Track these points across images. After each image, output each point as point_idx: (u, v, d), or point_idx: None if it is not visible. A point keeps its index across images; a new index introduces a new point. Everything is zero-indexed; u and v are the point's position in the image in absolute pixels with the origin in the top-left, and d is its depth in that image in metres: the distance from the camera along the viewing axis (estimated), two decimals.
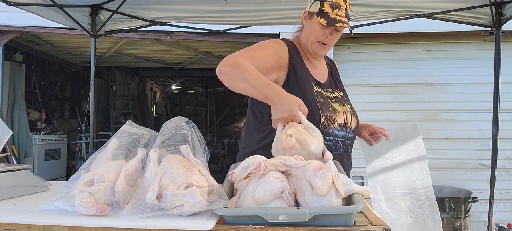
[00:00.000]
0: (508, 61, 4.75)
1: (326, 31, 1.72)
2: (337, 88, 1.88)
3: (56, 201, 1.14)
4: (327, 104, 1.72)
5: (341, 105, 1.78)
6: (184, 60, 8.24)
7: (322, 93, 1.76)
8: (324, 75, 1.87)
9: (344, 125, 1.74)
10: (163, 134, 1.29)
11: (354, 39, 5.11)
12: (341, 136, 1.74)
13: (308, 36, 1.78)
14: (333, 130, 1.70)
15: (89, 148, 3.91)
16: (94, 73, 3.85)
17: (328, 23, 1.67)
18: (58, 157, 7.29)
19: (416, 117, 5.19)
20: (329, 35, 1.72)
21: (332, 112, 1.71)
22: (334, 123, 1.70)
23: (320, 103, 1.69)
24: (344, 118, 1.74)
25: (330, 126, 1.69)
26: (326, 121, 1.67)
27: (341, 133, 1.74)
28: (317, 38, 1.74)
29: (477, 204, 3.00)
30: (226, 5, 3.39)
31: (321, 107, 1.67)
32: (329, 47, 1.78)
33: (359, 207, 0.99)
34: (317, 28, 1.72)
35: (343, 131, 1.74)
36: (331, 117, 1.69)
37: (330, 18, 1.67)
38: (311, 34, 1.75)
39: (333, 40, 1.75)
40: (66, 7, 3.26)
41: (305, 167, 1.13)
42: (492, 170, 3.09)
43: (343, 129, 1.74)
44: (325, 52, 1.82)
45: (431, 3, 3.30)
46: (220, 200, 1.06)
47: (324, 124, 1.67)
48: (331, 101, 1.75)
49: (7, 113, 6.11)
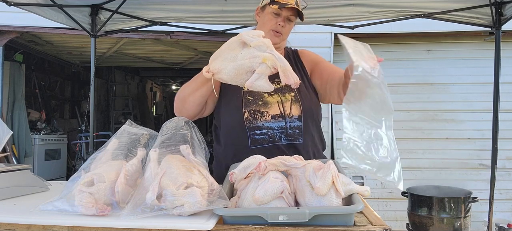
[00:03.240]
0: (508, 61, 4.76)
1: (278, 19, 1.77)
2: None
3: (56, 201, 1.14)
4: (256, 99, 1.75)
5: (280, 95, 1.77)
6: (184, 60, 8.24)
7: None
8: None
9: (281, 115, 1.74)
10: (163, 134, 1.29)
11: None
12: (278, 127, 1.72)
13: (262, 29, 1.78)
14: (263, 123, 1.71)
15: (89, 148, 3.91)
16: (94, 73, 3.85)
17: (280, 6, 1.73)
18: (58, 157, 7.29)
19: (416, 116, 5.19)
20: (282, 22, 1.78)
21: (260, 106, 1.74)
22: (263, 115, 1.72)
23: (246, 100, 1.74)
24: (279, 108, 1.74)
25: (258, 119, 1.71)
26: (250, 115, 1.72)
27: (278, 124, 1.73)
28: (270, 27, 1.79)
29: (477, 204, 3.00)
30: (226, 5, 3.40)
31: (245, 104, 1.73)
32: (283, 36, 1.82)
33: (359, 207, 0.99)
34: (269, 18, 1.79)
35: (282, 122, 1.73)
36: (258, 111, 1.73)
37: (281, 3, 1.74)
38: (265, 26, 1.80)
39: (286, 28, 1.80)
40: (66, 7, 3.26)
41: (305, 167, 1.13)
42: (492, 170, 3.10)
43: (279, 119, 1.73)
44: (280, 41, 1.84)
45: (431, 3, 3.30)
46: (220, 200, 1.06)
47: (249, 119, 1.71)
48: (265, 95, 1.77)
49: (7, 113, 6.11)
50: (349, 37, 1.29)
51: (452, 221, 2.82)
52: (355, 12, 3.43)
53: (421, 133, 5.18)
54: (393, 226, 4.83)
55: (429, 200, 2.88)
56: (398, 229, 4.58)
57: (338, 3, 3.32)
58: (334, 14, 3.52)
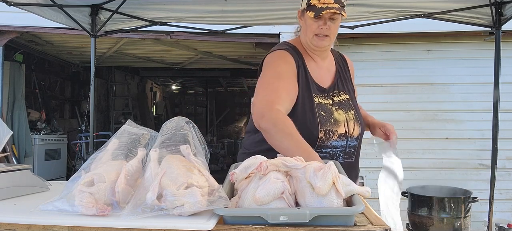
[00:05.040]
0: (508, 61, 4.75)
1: (320, 22, 1.70)
2: (344, 90, 1.85)
3: (56, 201, 1.14)
4: (328, 116, 1.71)
5: (344, 112, 1.76)
6: (184, 60, 8.24)
7: (324, 102, 1.75)
8: (329, 76, 1.85)
9: (345, 135, 1.73)
10: (163, 134, 1.29)
11: (354, 39, 5.11)
12: (340, 146, 1.73)
13: (306, 34, 1.77)
14: (331, 142, 1.70)
15: (89, 148, 3.91)
16: (94, 73, 3.84)
17: (315, 14, 1.65)
18: (58, 157, 7.29)
19: (416, 116, 5.19)
20: (324, 26, 1.70)
21: (332, 124, 1.70)
22: (333, 135, 1.70)
23: (321, 117, 1.69)
24: (345, 127, 1.74)
25: (329, 140, 1.69)
26: (324, 135, 1.68)
27: (341, 143, 1.73)
28: (313, 32, 1.73)
29: (477, 204, 2.99)
30: (226, 5, 3.39)
31: (321, 122, 1.68)
32: (330, 38, 1.75)
33: (360, 209, 0.99)
34: (310, 23, 1.72)
35: (343, 141, 1.74)
36: (330, 130, 1.69)
37: (317, 9, 1.65)
38: (307, 31, 1.75)
39: (331, 30, 1.72)
40: (66, 7, 3.26)
41: (305, 168, 1.13)
42: (492, 170, 3.09)
43: (343, 139, 1.73)
44: (328, 44, 1.77)
45: (431, 3, 3.30)
46: (220, 200, 1.05)
47: (322, 138, 1.68)
48: (333, 110, 1.74)
49: (7, 113, 6.11)
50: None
51: (452, 221, 2.82)
52: (355, 12, 3.42)
53: (421, 133, 5.18)
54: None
55: (429, 200, 2.87)
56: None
57: None
58: None
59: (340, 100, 1.79)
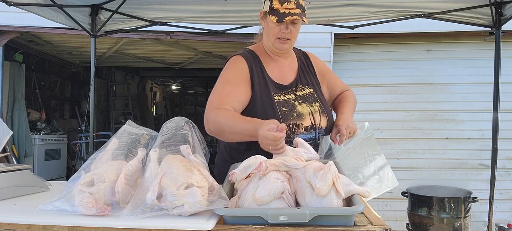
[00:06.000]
0: (508, 61, 4.75)
1: (282, 26, 1.72)
2: (307, 84, 1.86)
3: (56, 201, 1.14)
4: (290, 111, 1.73)
5: (308, 105, 1.78)
6: (184, 60, 8.23)
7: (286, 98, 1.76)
8: (291, 73, 1.86)
9: (312, 127, 1.75)
10: (163, 134, 1.29)
11: (354, 39, 5.11)
12: (309, 138, 1.73)
13: (268, 36, 1.79)
14: (299, 136, 1.70)
15: (89, 148, 3.91)
16: (94, 73, 3.84)
17: (278, 19, 1.67)
18: (58, 157, 7.28)
19: (416, 116, 5.19)
20: (285, 30, 1.72)
21: (296, 118, 1.72)
22: (299, 128, 1.71)
23: (283, 113, 1.71)
24: (311, 120, 1.75)
25: (295, 133, 1.70)
26: (289, 130, 1.69)
27: (309, 136, 1.74)
28: (275, 35, 1.75)
29: (477, 204, 2.99)
30: (226, 5, 3.39)
31: (283, 118, 1.70)
32: (292, 41, 1.78)
33: (360, 209, 0.99)
34: (272, 26, 1.73)
35: (312, 133, 1.75)
36: (295, 124, 1.71)
37: (280, 14, 1.67)
38: (269, 33, 1.77)
39: (293, 33, 1.75)
40: (66, 7, 3.26)
41: (305, 168, 1.13)
42: (492, 170, 3.09)
43: (311, 131, 1.74)
44: (289, 46, 1.81)
45: (431, 3, 3.30)
46: (220, 200, 1.06)
47: (288, 133, 1.68)
48: (296, 104, 1.75)
49: (7, 113, 6.11)
50: None
51: (452, 221, 2.82)
52: (355, 12, 3.42)
53: (421, 133, 5.18)
54: (393, 226, 4.83)
55: (429, 200, 2.87)
56: (398, 229, 4.57)
57: (338, 3, 3.32)
58: (334, 14, 3.51)
59: (303, 95, 1.81)
